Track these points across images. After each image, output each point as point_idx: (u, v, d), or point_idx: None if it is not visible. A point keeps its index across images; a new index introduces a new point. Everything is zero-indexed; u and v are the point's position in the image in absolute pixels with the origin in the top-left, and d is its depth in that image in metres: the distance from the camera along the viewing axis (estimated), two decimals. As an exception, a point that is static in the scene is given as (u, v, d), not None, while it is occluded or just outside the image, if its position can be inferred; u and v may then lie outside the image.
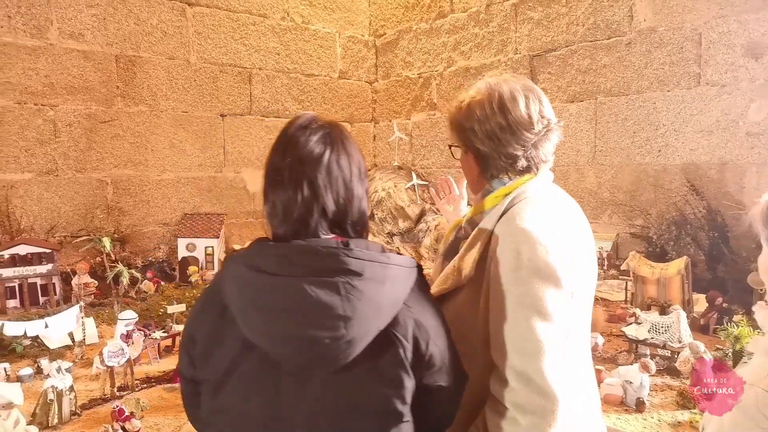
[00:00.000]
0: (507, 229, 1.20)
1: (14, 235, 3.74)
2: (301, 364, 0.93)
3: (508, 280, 1.17)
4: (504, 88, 1.28)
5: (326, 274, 0.90)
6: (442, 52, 5.13)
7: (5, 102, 3.75)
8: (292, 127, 1.05)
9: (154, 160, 4.44)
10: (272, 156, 1.04)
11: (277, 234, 1.03)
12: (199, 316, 1.05)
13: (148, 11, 4.30)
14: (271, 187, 1.02)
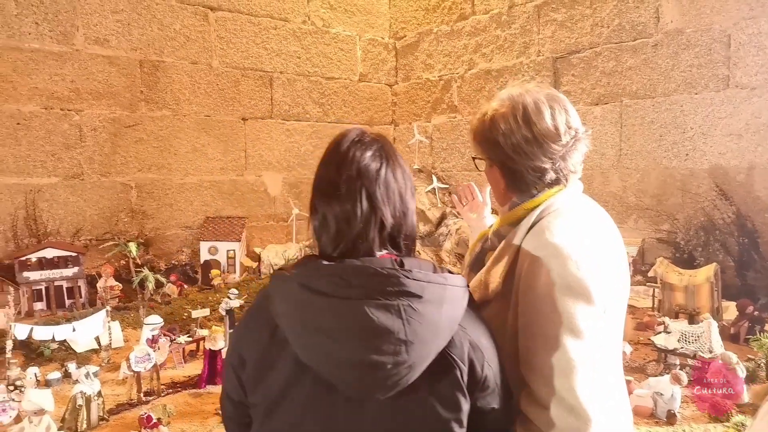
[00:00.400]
0: (536, 243, 1.17)
1: (41, 239, 3.80)
2: (360, 388, 0.90)
3: (537, 296, 1.13)
4: (528, 99, 1.24)
5: (386, 296, 0.88)
6: (463, 54, 5.09)
7: (32, 107, 3.81)
8: (344, 141, 1.03)
9: (176, 163, 4.48)
10: (325, 170, 1.02)
11: (325, 250, 1.00)
12: (247, 335, 1.01)
13: (171, 16, 4.34)
14: (324, 201, 0.99)
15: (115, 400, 2.33)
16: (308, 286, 0.90)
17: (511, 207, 1.29)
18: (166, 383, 2.50)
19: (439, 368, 0.92)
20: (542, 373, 1.12)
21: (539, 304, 1.13)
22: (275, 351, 0.95)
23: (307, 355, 0.91)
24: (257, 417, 0.98)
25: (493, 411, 1.00)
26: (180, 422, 2.14)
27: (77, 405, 2.04)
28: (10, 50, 3.67)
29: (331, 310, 0.88)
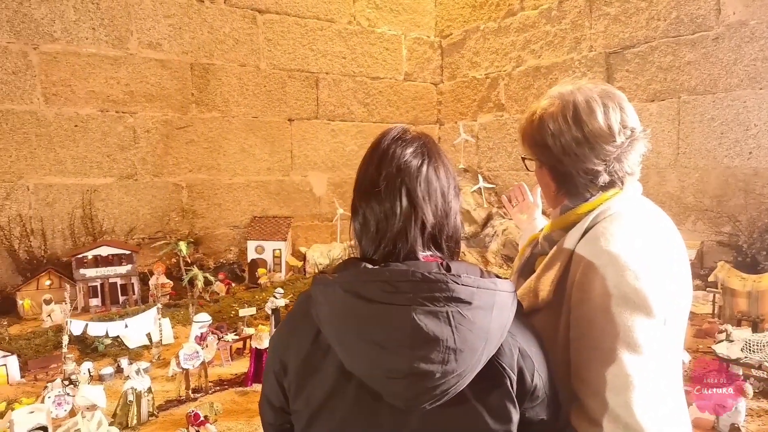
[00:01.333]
0: (590, 251, 1.10)
1: (96, 237, 3.94)
2: (406, 398, 0.85)
3: (592, 308, 1.07)
4: (579, 97, 1.17)
5: (435, 302, 0.84)
6: (510, 51, 4.99)
7: (89, 110, 3.95)
8: (385, 138, 1.00)
9: (225, 164, 4.56)
10: (365, 169, 0.99)
11: (367, 252, 0.98)
12: (289, 340, 0.97)
13: (221, 20, 4.42)
14: (365, 201, 0.97)
15: (164, 396, 2.38)
16: (354, 291, 0.86)
17: (563, 211, 1.22)
18: (213, 380, 2.53)
19: (489, 377, 0.88)
20: (596, 389, 1.06)
21: (594, 315, 1.07)
22: (318, 357, 0.92)
23: (352, 362, 0.88)
24: (299, 424, 0.96)
25: (541, 422, 0.95)
26: (227, 420, 2.16)
27: (128, 400, 2.09)
28: (68, 55, 3.82)
29: (378, 317, 0.84)
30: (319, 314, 0.91)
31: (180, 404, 2.32)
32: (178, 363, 2.36)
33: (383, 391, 0.86)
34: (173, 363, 2.40)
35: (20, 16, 3.63)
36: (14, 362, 2.58)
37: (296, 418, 0.97)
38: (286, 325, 1.02)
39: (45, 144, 3.81)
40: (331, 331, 0.89)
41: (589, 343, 1.07)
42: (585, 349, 1.08)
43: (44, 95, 3.78)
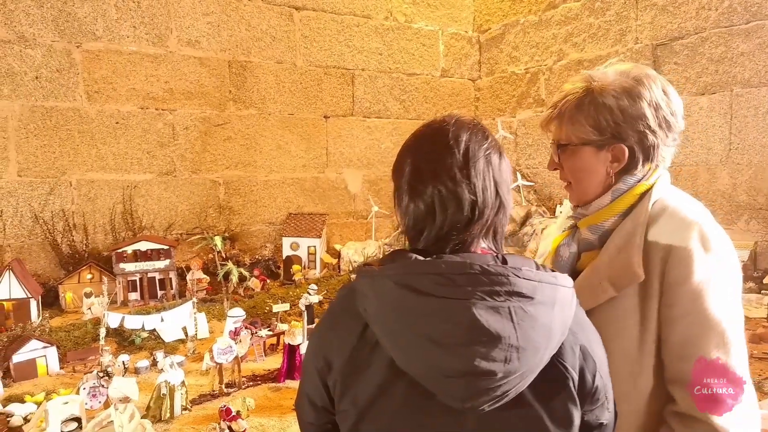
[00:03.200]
0: (675, 227, 1.11)
1: (136, 232, 4.00)
2: (463, 398, 0.79)
3: (698, 284, 1.08)
4: (651, 72, 1.18)
5: (495, 297, 0.78)
6: (551, 44, 4.85)
7: (130, 107, 4.02)
8: (447, 123, 0.93)
9: (262, 161, 4.58)
10: (414, 155, 0.93)
11: (416, 243, 0.92)
12: (333, 337, 0.91)
13: (258, 17, 4.44)
14: (421, 186, 0.90)
15: (198, 391, 2.38)
16: (406, 284, 0.80)
17: (615, 195, 1.18)
18: (246, 376, 2.52)
19: (550, 378, 0.82)
20: (712, 354, 1.08)
21: (701, 289, 1.09)
22: (365, 354, 0.86)
23: (405, 360, 0.81)
24: (345, 424, 0.90)
25: (600, 427, 0.89)
26: (259, 416, 2.14)
27: (161, 394, 2.09)
28: (110, 53, 3.90)
29: (435, 312, 0.78)
30: (366, 308, 0.85)
31: (213, 398, 2.31)
32: (211, 357, 2.35)
33: (438, 391, 0.81)
34: (207, 357, 2.40)
35: (64, 15, 3.71)
36: (54, 353, 2.62)
37: (342, 417, 0.91)
38: (327, 321, 0.95)
39: (87, 140, 3.89)
40: (380, 327, 0.84)
41: (698, 318, 1.08)
42: (695, 325, 1.08)
43: (87, 93, 3.86)
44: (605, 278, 1.13)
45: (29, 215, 3.73)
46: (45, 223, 3.76)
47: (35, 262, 3.74)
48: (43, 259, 3.79)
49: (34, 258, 3.75)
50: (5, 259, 3.58)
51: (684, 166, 3.89)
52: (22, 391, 2.36)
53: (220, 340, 2.40)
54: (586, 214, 1.23)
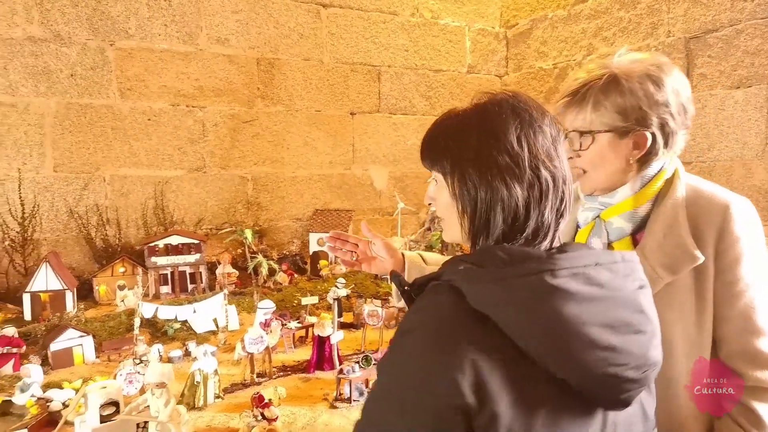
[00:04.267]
0: (715, 208, 1.15)
1: (168, 227, 4.07)
2: (626, 390, 0.74)
3: (754, 255, 1.13)
4: (669, 60, 1.23)
5: (643, 288, 0.78)
6: (581, 39, 4.79)
7: (162, 104, 4.09)
8: (519, 101, 0.86)
9: (289, 157, 4.62)
10: (499, 137, 0.83)
11: (488, 239, 0.84)
12: (464, 364, 0.68)
13: (286, 15, 4.48)
14: (511, 173, 0.82)
15: (229, 380, 2.41)
16: (586, 276, 0.72)
17: (644, 183, 1.20)
18: (277, 366, 2.55)
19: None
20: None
21: (755, 264, 1.14)
22: (523, 372, 0.72)
23: (569, 368, 0.72)
24: None
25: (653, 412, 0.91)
26: (290, 404, 2.16)
27: (195, 381, 2.13)
28: (142, 51, 3.97)
29: (609, 309, 0.73)
30: (499, 317, 0.72)
31: (245, 388, 2.34)
32: (243, 347, 2.38)
33: (604, 391, 0.74)
34: (238, 347, 2.43)
35: (98, 14, 3.80)
36: (90, 342, 2.69)
37: None
38: (451, 339, 0.72)
39: (120, 137, 3.97)
40: (531, 335, 0.71)
41: (760, 290, 1.13)
42: (757, 297, 1.12)
43: (120, 90, 3.94)
44: (658, 264, 1.12)
45: (64, 210, 3.82)
46: (79, 218, 3.85)
47: (70, 256, 3.83)
48: (78, 252, 3.88)
49: (69, 252, 3.84)
50: (41, 253, 3.68)
51: (718, 162, 3.81)
52: (59, 378, 2.42)
53: (252, 330, 2.43)
54: (610, 203, 1.22)
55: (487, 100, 0.88)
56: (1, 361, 2.48)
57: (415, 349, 0.73)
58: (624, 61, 1.18)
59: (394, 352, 0.76)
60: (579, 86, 1.19)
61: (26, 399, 2.10)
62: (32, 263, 3.60)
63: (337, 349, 2.59)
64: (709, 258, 1.12)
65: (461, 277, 0.76)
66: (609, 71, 1.17)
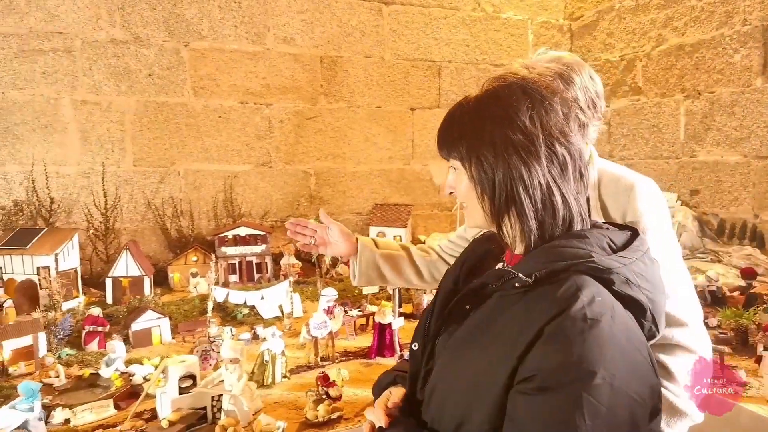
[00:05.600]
0: (620, 189, 1.32)
1: (236, 219, 4.26)
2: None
3: (657, 233, 1.28)
4: (581, 60, 1.43)
5: None
6: (650, 30, 4.64)
7: (231, 102, 4.28)
8: (522, 83, 0.90)
9: (350, 153, 4.72)
10: (509, 121, 0.87)
11: (550, 231, 0.89)
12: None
13: (349, 13, 4.58)
14: (516, 158, 0.85)
15: (295, 362, 2.51)
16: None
17: None
18: (339, 351, 2.63)
19: None
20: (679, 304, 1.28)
21: (666, 239, 1.32)
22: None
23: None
24: None
25: None
26: (352, 386, 2.23)
27: (264, 361, 2.24)
28: (214, 51, 4.17)
29: None
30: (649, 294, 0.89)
31: (309, 370, 2.43)
32: (308, 331, 2.48)
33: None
34: (303, 330, 2.53)
35: (174, 16, 4.02)
36: (166, 324, 2.86)
37: None
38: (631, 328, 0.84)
39: (193, 133, 4.19)
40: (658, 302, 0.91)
41: (670, 275, 1.19)
42: (666, 283, 1.21)
43: (193, 88, 4.15)
44: None
45: (143, 202, 4.07)
46: (156, 209, 4.09)
47: (147, 245, 4.08)
48: (154, 242, 4.13)
49: (146, 241, 4.09)
50: (121, 241, 3.93)
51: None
52: (139, 356, 2.59)
53: (316, 315, 2.52)
54: None
55: (497, 85, 0.92)
56: (87, 339, 2.70)
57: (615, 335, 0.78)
58: (541, 61, 1.37)
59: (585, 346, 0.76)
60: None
61: (111, 372, 2.28)
62: (113, 251, 3.86)
63: (398, 336, 2.65)
64: None
65: (609, 262, 0.83)
66: (524, 72, 1.27)
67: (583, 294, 0.78)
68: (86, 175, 3.90)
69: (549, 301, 0.79)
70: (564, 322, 0.76)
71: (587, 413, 0.71)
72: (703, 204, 4.26)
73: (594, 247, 0.82)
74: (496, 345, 0.82)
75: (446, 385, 0.90)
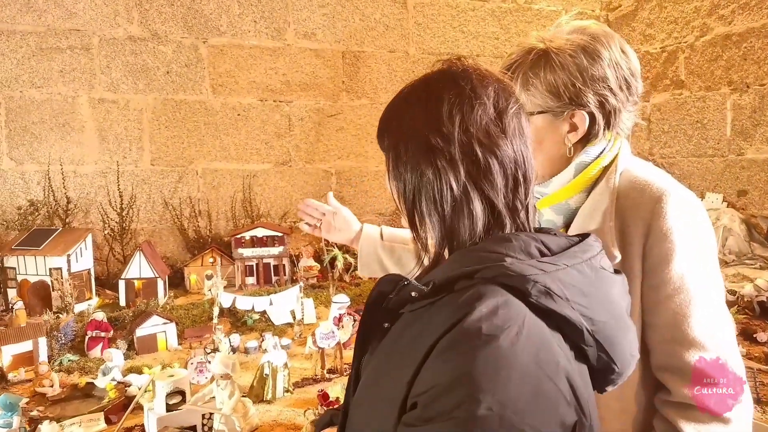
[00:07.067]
0: (647, 200, 1.00)
1: (254, 219, 4.16)
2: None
3: (685, 257, 0.98)
4: (610, 30, 1.09)
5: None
6: (693, 19, 4.32)
7: (250, 100, 4.18)
8: (455, 70, 0.80)
9: (373, 151, 4.56)
10: (428, 115, 0.77)
11: (436, 227, 0.79)
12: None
13: (372, 7, 4.42)
14: (425, 160, 0.76)
15: (301, 374, 2.37)
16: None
17: (579, 169, 1.07)
18: (348, 363, 2.47)
19: None
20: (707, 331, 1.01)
21: (690, 266, 1.01)
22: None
23: (618, 351, 0.79)
24: None
25: None
26: (357, 405, 2.08)
27: (264, 374, 2.10)
28: (233, 48, 4.07)
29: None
30: (582, 307, 0.76)
31: (315, 383, 2.29)
32: (314, 341, 2.33)
33: (623, 371, 0.79)
34: (309, 341, 2.38)
35: (192, 12, 3.94)
36: (173, 329, 2.76)
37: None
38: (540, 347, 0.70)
39: (212, 131, 4.10)
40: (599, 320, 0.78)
41: (688, 297, 0.98)
42: (684, 304, 0.99)
43: (212, 86, 4.07)
44: None
45: (160, 201, 4.01)
46: (174, 209, 4.03)
47: (165, 246, 4.02)
48: (172, 242, 4.06)
49: (163, 241, 4.02)
50: (138, 242, 3.88)
51: None
52: (142, 363, 2.50)
53: (323, 325, 2.37)
54: (545, 192, 1.10)
55: (435, 71, 0.82)
56: (90, 344, 2.62)
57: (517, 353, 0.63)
58: (561, 33, 1.08)
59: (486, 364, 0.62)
60: (509, 64, 1.10)
61: (106, 382, 2.18)
62: (130, 251, 3.80)
63: (412, 349, 2.48)
64: (635, 257, 1.00)
65: (522, 267, 0.67)
66: (541, 46, 1.06)
67: (482, 304, 0.63)
68: (103, 175, 3.86)
69: (447, 313, 0.65)
70: (454, 336, 0.62)
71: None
72: (752, 206, 3.94)
73: (515, 251, 0.69)
74: (395, 368, 0.69)
75: (356, 416, 0.77)
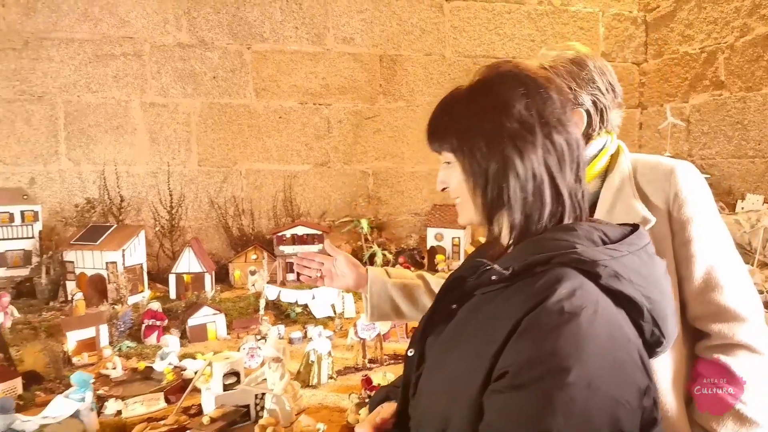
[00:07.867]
0: (662, 174, 1.21)
1: (294, 218, 4.30)
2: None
3: (707, 213, 1.20)
4: (588, 50, 1.36)
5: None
6: (733, 19, 4.28)
7: (291, 103, 4.33)
8: (515, 71, 0.88)
9: (409, 153, 4.66)
10: (504, 107, 0.85)
11: (519, 211, 0.86)
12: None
13: (409, 11, 4.52)
14: (510, 147, 0.83)
15: (342, 363, 2.48)
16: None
17: (586, 162, 1.23)
18: (388, 354, 2.57)
19: None
20: (739, 293, 1.20)
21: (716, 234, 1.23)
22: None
23: (668, 329, 0.89)
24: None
25: None
26: (398, 392, 2.17)
27: (309, 360, 2.22)
28: (275, 53, 4.24)
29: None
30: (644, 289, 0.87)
31: (357, 372, 2.39)
32: (355, 332, 2.44)
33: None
34: (351, 332, 2.49)
35: (237, 19, 4.12)
36: (222, 320, 2.91)
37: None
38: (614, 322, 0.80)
39: (255, 134, 4.27)
40: (657, 300, 0.88)
41: (717, 247, 1.18)
42: (716, 253, 1.18)
43: (255, 90, 4.23)
44: None
45: (206, 200, 4.20)
46: (219, 208, 4.21)
47: (210, 243, 4.20)
48: (217, 240, 4.24)
49: (209, 239, 4.20)
50: (186, 239, 4.06)
51: None
52: (194, 350, 2.65)
53: (364, 317, 2.47)
54: None
55: (489, 73, 0.91)
56: (147, 332, 2.79)
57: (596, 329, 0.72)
58: (547, 57, 1.31)
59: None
60: None
61: (164, 366, 2.33)
62: (178, 248, 3.99)
63: (449, 342, 2.56)
64: (662, 220, 1.17)
65: (594, 253, 0.76)
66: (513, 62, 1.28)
67: (561, 286, 0.73)
68: (154, 175, 4.06)
69: (526, 294, 0.74)
70: (539, 315, 0.71)
71: (560, 412, 0.65)
72: (795, 207, 3.87)
73: (581, 239, 0.77)
74: (473, 343, 0.77)
75: (429, 389, 0.85)
